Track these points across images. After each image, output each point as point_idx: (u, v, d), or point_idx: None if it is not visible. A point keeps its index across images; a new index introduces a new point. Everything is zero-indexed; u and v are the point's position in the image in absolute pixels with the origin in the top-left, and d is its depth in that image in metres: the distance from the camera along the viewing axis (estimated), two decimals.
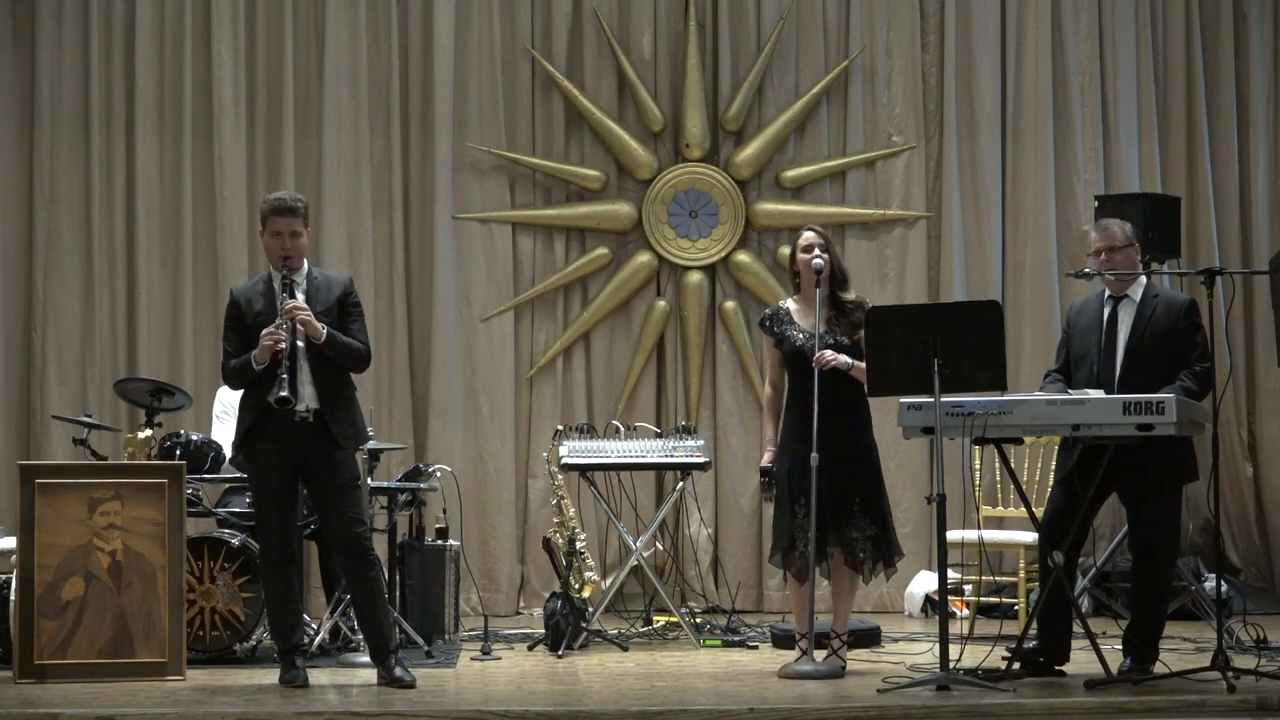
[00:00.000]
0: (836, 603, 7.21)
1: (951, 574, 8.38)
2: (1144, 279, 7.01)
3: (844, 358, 7.03)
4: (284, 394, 6.68)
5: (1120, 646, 6.91)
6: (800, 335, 7.14)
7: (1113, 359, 6.91)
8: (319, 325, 6.79)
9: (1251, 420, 10.13)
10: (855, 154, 10.07)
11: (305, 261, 6.99)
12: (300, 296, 6.85)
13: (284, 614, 6.93)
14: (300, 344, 6.74)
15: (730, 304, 9.99)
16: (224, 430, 8.28)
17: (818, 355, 7.00)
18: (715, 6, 10.07)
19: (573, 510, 8.49)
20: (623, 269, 10.01)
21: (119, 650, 7.02)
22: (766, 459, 7.25)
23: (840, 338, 7.12)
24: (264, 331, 6.76)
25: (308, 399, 6.77)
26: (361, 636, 7.44)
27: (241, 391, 7.00)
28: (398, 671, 6.80)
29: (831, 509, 7.00)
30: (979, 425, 6.66)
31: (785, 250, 9.77)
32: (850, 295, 7.24)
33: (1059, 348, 7.22)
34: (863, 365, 6.95)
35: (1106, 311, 6.98)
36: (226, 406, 8.40)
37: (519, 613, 9.79)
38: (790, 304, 7.29)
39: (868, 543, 7.08)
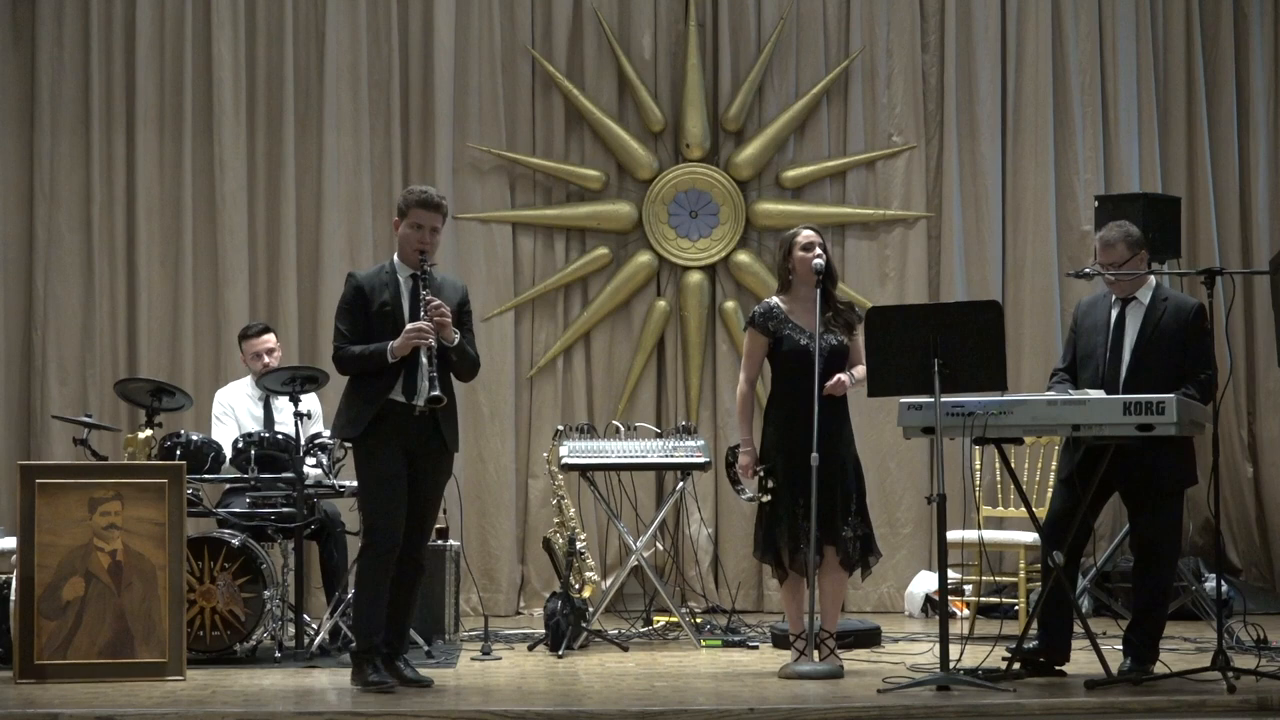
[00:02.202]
0: (827, 603, 7.16)
1: (951, 574, 8.38)
2: (1153, 281, 6.96)
3: (846, 379, 7.08)
4: (436, 393, 6.64)
5: (1120, 646, 6.90)
6: (802, 337, 7.12)
7: (1119, 361, 6.87)
8: (453, 329, 6.78)
9: (1251, 420, 10.12)
10: (855, 154, 10.07)
11: None
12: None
13: (374, 609, 6.76)
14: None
15: (730, 304, 9.99)
16: (224, 430, 8.28)
17: (836, 381, 7.01)
18: (715, 6, 10.07)
19: (573, 510, 8.49)
20: (623, 269, 10.00)
21: (119, 650, 7.02)
22: (746, 458, 7.22)
23: (840, 338, 7.13)
24: (411, 325, 6.69)
25: (427, 394, 6.68)
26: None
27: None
28: (408, 673, 6.80)
29: (828, 509, 7.00)
30: (979, 425, 6.66)
31: None
32: (840, 294, 7.27)
33: (1065, 346, 7.20)
34: (859, 375, 7.04)
35: (1114, 314, 6.93)
36: (227, 407, 8.41)
37: (519, 613, 9.79)
38: (779, 301, 7.24)
39: (858, 542, 7.10)
